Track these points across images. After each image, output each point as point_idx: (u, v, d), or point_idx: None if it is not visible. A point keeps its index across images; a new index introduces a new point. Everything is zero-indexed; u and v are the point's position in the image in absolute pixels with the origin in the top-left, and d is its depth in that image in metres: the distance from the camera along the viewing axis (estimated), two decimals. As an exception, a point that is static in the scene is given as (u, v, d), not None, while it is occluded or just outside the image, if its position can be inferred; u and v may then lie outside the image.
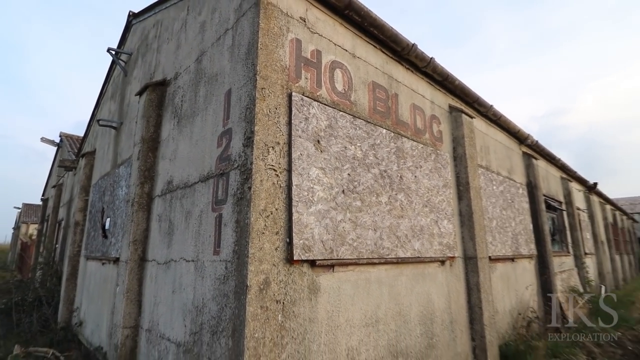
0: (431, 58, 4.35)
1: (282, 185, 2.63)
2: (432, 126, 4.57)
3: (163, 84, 4.39)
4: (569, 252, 9.06)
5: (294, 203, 2.63)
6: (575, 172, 10.73)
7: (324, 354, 2.66)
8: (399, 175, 3.77)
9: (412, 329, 3.53)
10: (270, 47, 2.76)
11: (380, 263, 3.31)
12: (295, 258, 2.56)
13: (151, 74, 4.99)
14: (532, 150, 7.78)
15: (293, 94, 2.83)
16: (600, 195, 14.08)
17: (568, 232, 9.39)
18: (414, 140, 4.11)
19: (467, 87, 5.11)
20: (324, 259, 2.78)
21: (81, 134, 12.06)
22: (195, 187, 3.19)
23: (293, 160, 2.71)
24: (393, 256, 3.44)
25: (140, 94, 4.53)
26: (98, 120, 6.60)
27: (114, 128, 6.23)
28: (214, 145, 3.01)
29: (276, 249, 2.49)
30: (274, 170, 2.59)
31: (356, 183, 3.22)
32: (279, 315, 2.42)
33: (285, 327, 2.44)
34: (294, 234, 2.58)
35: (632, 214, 25.79)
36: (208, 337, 2.58)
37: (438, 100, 4.84)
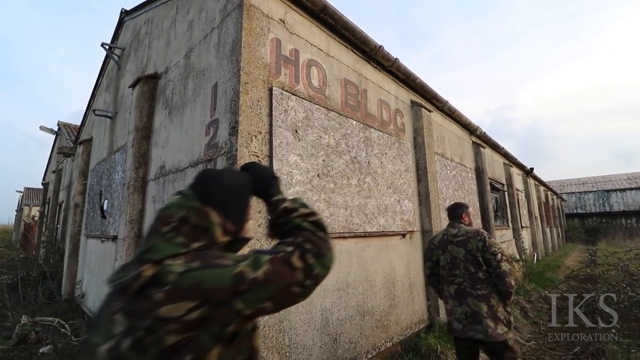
0: (396, 59, 4.37)
1: (264, 169, 2.61)
2: (396, 118, 4.63)
3: (155, 77, 4.21)
4: (508, 226, 9.53)
5: (274, 185, 2.63)
6: (516, 159, 11.18)
7: (301, 315, 2.73)
8: (367, 161, 3.82)
9: (377, 292, 3.66)
10: (252, 46, 2.69)
11: (350, 237, 3.38)
12: (276, 233, 2.57)
13: (143, 67, 4.77)
14: (480, 140, 8.04)
15: (273, 88, 2.79)
16: (535, 178, 14.78)
17: (508, 209, 9.86)
18: (380, 131, 4.15)
19: (427, 85, 5.18)
20: (302, 234, 2.81)
21: (78, 123, 11.47)
22: (186, 171, 3.12)
23: (274, 147, 2.69)
24: (361, 231, 3.52)
25: (133, 86, 4.33)
26: (94, 111, 6.28)
27: (109, 117, 5.96)
28: (202, 134, 2.94)
29: (259, 226, 2.50)
30: (257, 156, 2.57)
31: (330, 168, 3.25)
32: (262, 283, 2.45)
33: (268, 293, 2.48)
34: (274, 213, 2.59)
35: (561, 193, 27.23)
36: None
37: (401, 96, 4.89)
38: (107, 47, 6.20)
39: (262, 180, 1.02)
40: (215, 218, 0.85)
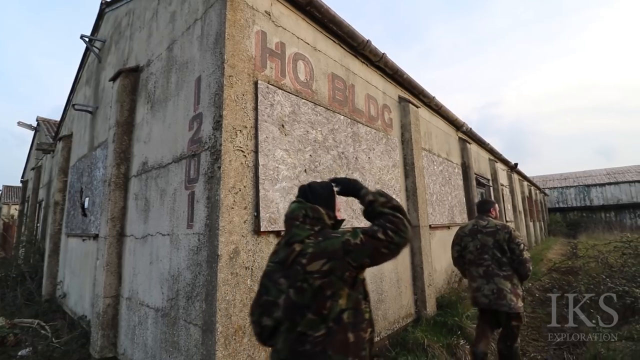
0: (383, 53, 4.35)
1: (249, 165, 2.56)
2: (384, 114, 4.62)
3: (136, 70, 4.07)
4: (493, 221, 9.69)
5: (260, 181, 2.59)
6: (501, 155, 11.38)
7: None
8: (355, 156, 3.80)
9: (365, 287, 3.66)
10: (237, 38, 2.62)
11: (338, 232, 3.36)
12: (262, 229, 2.53)
13: (124, 60, 4.61)
14: (467, 136, 8.13)
15: (259, 82, 2.73)
16: (519, 173, 15.10)
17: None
18: (368, 126, 4.14)
19: (414, 81, 5.18)
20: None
21: (58, 118, 11.08)
22: (169, 167, 3.04)
23: (259, 142, 2.64)
24: (349, 227, 3.49)
25: (114, 79, 4.18)
26: (74, 105, 6.06)
27: (90, 112, 5.76)
28: (185, 129, 2.86)
29: (245, 222, 2.45)
30: (242, 151, 2.52)
31: (317, 163, 3.21)
32: (248, 280, 2.41)
33: (254, 290, 2.44)
34: (260, 209, 2.55)
35: (543, 188, 27.93)
36: (184, 302, 2.52)
37: (389, 92, 4.88)
38: (87, 39, 5.98)
39: (347, 186, 1.50)
40: (322, 210, 1.36)
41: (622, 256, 5.53)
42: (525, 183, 16.98)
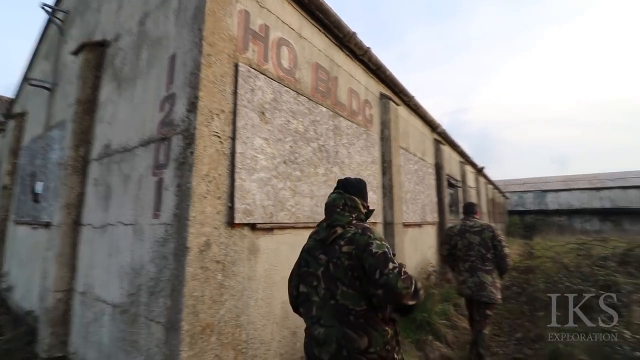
0: (368, 48, 4.27)
1: (225, 152, 2.37)
2: (365, 109, 4.55)
3: (102, 44, 3.70)
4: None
5: (237, 170, 2.41)
6: (470, 158, 11.79)
7: (260, 308, 2.55)
8: (335, 150, 3.69)
9: (339, 284, 3.58)
10: (218, 15, 2.41)
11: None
12: (236, 221, 2.36)
13: (90, 34, 4.19)
14: (441, 137, 8.30)
15: (240, 64, 2.54)
16: (485, 177, 15.77)
17: (461, 205, 10.38)
18: (349, 120, 4.04)
19: (396, 78, 5.16)
20: (264, 223, 2.62)
21: (11, 95, 10.05)
22: (135, 151, 2.77)
23: (237, 128, 2.45)
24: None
25: (76, 53, 3.78)
26: (29, 81, 5.47)
27: (47, 89, 5.22)
28: (155, 110, 2.61)
29: (218, 213, 2.27)
30: (218, 137, 2.32)
31: (297, 155, 3.07)
32: (219, 275, 2.24)
33: (225, 285, 2.27)
34: (236, 199, 2.37)
35: (505, 192, 29.48)
36: (146, 298, 2.30)
37: (371, 87, 4.82)
38: (48, 9, 5.40)
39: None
40: (359, 201, 1.65)
41: (576, 257, 5.87)
42: (490, 186, 17.78)
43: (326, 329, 1.46)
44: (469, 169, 11.87)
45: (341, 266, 1.46)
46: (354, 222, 1.57)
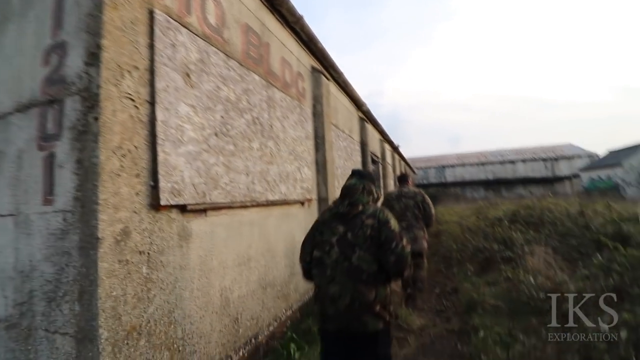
0: (301, 16, 3.99)
1: (143, 119, 1.93)
2: (298, 82, 4.33)
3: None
4: (381, 194, 10.75)
5: (159, 142, 1.99)
6: (388, 136, 12.60)
7: (197, 299, 2.25)
8: (270, 123, 3.42)
9: (279, 262, 3.44)
10: (120, -58, 1.87)
11: (252, 206, 2.99)
12: (162, 203, 1.98)
13: None
14: (365, 116, 8.59)
15: (156, 11, 2.05)
16: (399, 154, 17.17)
17: (382, 180, 11.11)
18: (283, 92, 3.78)
19: (327, 52, 5.01)
20: (196, 204, 2.27)
21: None
22: (9, 118, 2.08)
23: (157, 91, 2.01)
24: (264, 199, 3.17)
25: None
26: None
27: None
28: (37, 63, 1.96)
29: (137, 194, 1.85)
30: (132, 100, 1.86)
31: (229, 127, 2.73)
32: (144, 268, 1.86)
33: (152, 279, 1.91)
34: (160, 177, 1.97)
35: (413, 167, 32.87)
36: (43, 306, 1.79)
37: (303, 59, 4.59)
38: None
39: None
40: (374, 186, 2.07)
41: (476, 220, 6.81)
42: (403, 163, 19.49)
43: (341, 286, 1.78)
44: (387, 147, 12.70)
45: (362, 235, 1.82)
46: (371, 203, 1.99)
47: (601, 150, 32.62)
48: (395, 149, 15.15)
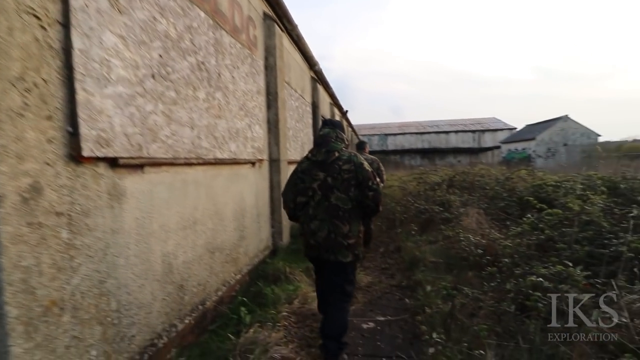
0: (253, -54, 3.46)
1: (54, 45, 1.49)
2: (249, 28, 3.86)
3: None
4: (329, 159, 10.80)
5: (78, 77, 1.58)
6: (338, 101, 12.47)
7: (134, 267, 1.98)
8: (218, 71, 3.02)
9: (228, 225, 3.23)
10: None
11: (198, 164, 2.68)
12: (85, 155, 1.61)
13: None
14: (317, 76, 8.26)
15: None
16: (347, 120, 17.27)
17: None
18: (232, 37, 3.34)
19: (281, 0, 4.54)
20: (131, 157, 1.92)
21: None
22: None
23: (72, 10, 1.55)
24: (211, 157, 2.86)
25: None
26: None
27: None
28: None
29: (50, 141, 1.47)
30: (37, 17, 1.41)
31: (170, 69, 2.31)
32: (64, 232, 1.53)
33: (76, 245, 1.59)
34: (81, 121, 1.59)
35: (359, 135, 33.66)
36: None
37: (254, 2, 4.08)
38: None
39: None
40: (343, 133, 2.34)
41: (417, 184, 7.24)
42: (350, 129, 19.72)
43: (320, 222, 2.14)
44: (336, 111, 12.61)
45: (340, 179, 2.13)
46: (344, 148, 2.26)
47: (520, 124, 36.85)
48: (344, 114, 15.15)
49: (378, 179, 2.19)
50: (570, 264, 1.92)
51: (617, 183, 3.71)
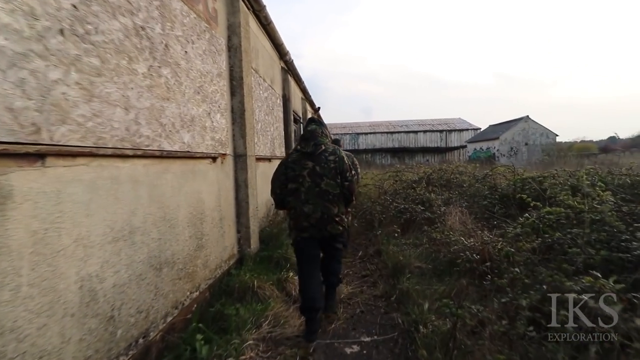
0: None
1: None
2: (208, -2, 3.27)
3: None
4: (301, 157, 10.31)
5: None
6: (310, 96, 12.00)
7: (29, 300, 1.38)
8: (165, 42, 2.43)
9: (180, 233, 2.64)
10: None
11: (136, 156, 2.08)
12: None
13: None
14: (288, 67, 7.73)
15: None
16: (319, 117, 16.87)
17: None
18: (185, 4, 2.75)
19: (246, -30, 3.97)
20: (19, 144, 1.33)
21: None
22: None
23: None
24: (156, 148, 2.27)
25: None
26: None
27: None
28: None
29: None
30: None
31: (91, 27, 1.71)
32: None
33: None
34: None
35: (331, 133, 33.56)
36: None
37: (214, -30, 3.49)
38: None
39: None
40: (327, 130, 2.91)
41: (394, 183, 6.95)
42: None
43: (314, 205, 2.54)
44: (308, 107, 12.15)
45: (327, 167, 2.58)
46: (329, 143, 2.74)
47: (484, 125, 38.52)
48: (316, 111, 14.71)
49: (354, 172, 2.71)
50: (599, 275, 1.60)
51: (612, 179, 3.55)
